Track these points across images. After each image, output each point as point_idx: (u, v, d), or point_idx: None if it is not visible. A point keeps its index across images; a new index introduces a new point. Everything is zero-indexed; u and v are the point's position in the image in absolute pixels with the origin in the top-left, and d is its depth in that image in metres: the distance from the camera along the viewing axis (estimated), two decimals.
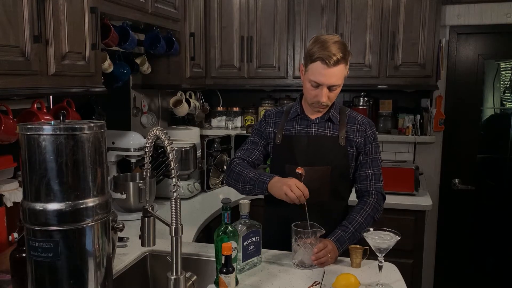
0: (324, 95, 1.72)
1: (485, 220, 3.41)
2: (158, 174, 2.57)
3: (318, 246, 1.62)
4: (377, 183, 1.84)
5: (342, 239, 1.71)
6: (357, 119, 1.86)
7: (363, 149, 1.84)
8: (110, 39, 2.21)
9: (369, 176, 1.84)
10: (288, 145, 1.86)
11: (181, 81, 2.95)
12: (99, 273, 1.18)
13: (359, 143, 1.83)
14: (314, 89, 1.74)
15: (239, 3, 3.28)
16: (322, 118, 1.85)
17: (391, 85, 3.09)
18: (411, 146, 3.38)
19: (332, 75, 1.69)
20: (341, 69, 1.70)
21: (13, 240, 1.57)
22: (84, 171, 1.12)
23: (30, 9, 1.51)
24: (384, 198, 1.86)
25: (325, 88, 1.71)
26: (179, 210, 1.28)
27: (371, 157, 1.84)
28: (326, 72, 1.68)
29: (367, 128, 1.85)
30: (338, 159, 1.81)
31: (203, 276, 1.65)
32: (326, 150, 1.81)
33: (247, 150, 1.95)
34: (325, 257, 1.63)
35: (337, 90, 1.75)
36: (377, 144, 1.87)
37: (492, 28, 3.22)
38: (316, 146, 1.82)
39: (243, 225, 1.59)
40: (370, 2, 3.05)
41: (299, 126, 1.87)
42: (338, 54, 1.66)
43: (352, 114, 1.88)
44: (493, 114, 3.44)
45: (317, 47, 1.69)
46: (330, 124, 1.85)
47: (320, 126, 1.85)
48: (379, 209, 1.82)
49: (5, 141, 1.72)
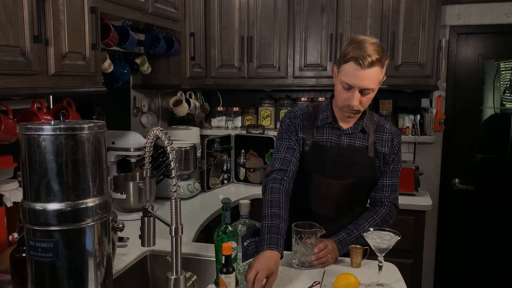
0: (356, 98, 1.61)
1: (485, 220, 3.41)
2: (158, 174, 2.57)
3: (319, 246, 1.61)
4: (392, 194, 1.80)
5: (344, 242, 1.69)
6: (386, 128, 1.79)
7: (387, 159, 1.78)
8: (110, 39, 2.21)
9: (386, 186, 1.79)
10: (318, 154, 1.75)
11: (181, 81, 2.95)
12: (99, 273, 1.18)
13: (385, 153, 1.77)
14: (346, 92, 1.62)
15: (239, 3, 3.28)
16: (354, 128, 1.75)
17: (391, 85, 3.09)
18: (411, 146, 3.38)
19: (365, 78, 1.57)
20: (375, 72, 1.58)
21: (13, 240, 1.57)
22: (84, 171, 1.12)
23: (30, 9, 1.51)
24: (397, 209, 1.83)
25: (357, 91, 1.60)
26: (179, 210, 1.28)
27: (391, 167, 1.79)
28: (359, 73, 1.57)
29: (395, 138, 1.79)
30: (366, 171, 1.75)
31: (203, 276, 1.65)
32: (355, 162, 1.74)
33: (284, 159, 1.74)
34: (326, 257, 1.63)
35: (370, 95, 1.63)
36: (400, 155, 1.82)
37: (492, 28, 3.22)
38: (345, 157, 1.74)
39: (243, 225, 1.59)
40: (370, 2, 3.05)
41: (331, 135, 1.76)
42: (374, 55, 1.55)
43: (380, 122, 1.80)
44: (493, 114, 3.44)
45: (352, 47, 1.59)
46: (361, 134, 1.75)
47: (351, 137, 1.75)
48: (389, 221, 1.79)
49: (5, 141, 1.72)
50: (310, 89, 3.40)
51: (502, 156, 3.42)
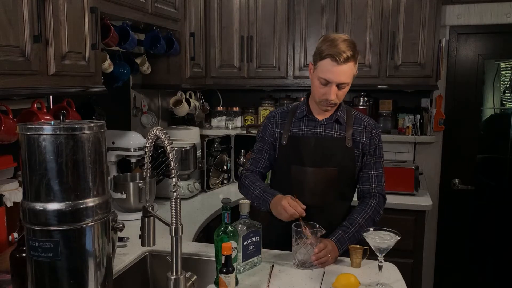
0: (333, 93, 1.72)
1: (485, 220, 3.41)
2: (158, 174, 2.57)
3: (319, 246, 1.62)
4: (379, 184, 1.85)
5: (342, 240, 1.71)
6: (363, 120, 1.87)
7: (367, 150, 1.84)
8: (110, 39, 2.20)
9: (372, 177, 1.85)
10: (294, 146, 1.85)
11: (181, 81, 2.95)
12: (99, 273, 1.18)
13: (365, 144, 1.83)
14: (323, 87, 1.74)
15: (239, 3, 3.28)
16: (329, 119, 1.84)
17: (391, 85, 3.09)
18: (411, 146, 3.38)
19: (341, 73, 1.69)
20: (350, 67, 1.70)
21: (13, 240, 1.57)
22: (84, 171, 1.12)
23: (30, 9, 1.51)
24: (385, 200, 1.87)
25: (334, 85, 1.71)
26: (179, 210, 1.28)
27: (374, 158, 1.85)
28: (335, 69, 1.68)
29: (373, 129, 1.86)
30: (345, 160, 1.81)
31: (203, 276, 1.65)
32: (333, 152, 1.81)
33: (254, 159, 1.96)
34: (326, 257, 1.63)
35: (345, 89, 1.75)
36: (381, 146, 1.88)
37: (492, 28, 3.22)
38: (323, 147, 1.82)
39: (243, 225, 1.59)
40: (370, 2, 3.05)
41: (307, 126, 1.86)
42: (348, 51, 1.67)
43: (358, 115, 1.89)
44: (493, 114, 3.44)
45: (327, 45, 1.69)
46: (337, 125, 1.85)
47: (327, 127, 1.84)
48: (379, 211, 1.83)
49: (5, 141, 1.72)
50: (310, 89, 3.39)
51: (502, 156, 3.42)
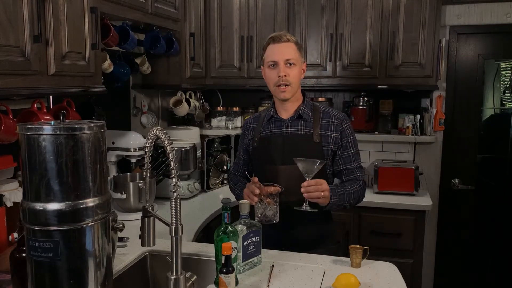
0: (282, 69, 1.80)
1: (485, 220, 3.41)
2: (158, 174, 2.57)
3: (309, 182, 1.69)
4: (362, 174, 1.93)
5: (334, 191, 1.78)
6: (332, 114, 1.91)
7: (340, 144, 1.88)
8: (110, 39, 2.21)
9: (355, 169, 1.91)
10: (265, 147, 1.92)
11: (181, 81, 2.95)
12: (99, 273, 1.18)
13: (335, 138, 1.88)
14: (272, 70, 1.83)
15: (239, 3, 3.28)
16: (293, 117, 1.90)
17: (391, 85, 3.09)
18: (411, 146, 3.38)
19: (284, 50, 1.81)
20: (292, 46, 1.82)
21: (13, 240, 1.58)
22: (84, 171, 1.12)
23: (30, 9, 1.51)
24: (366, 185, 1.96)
25: (281, 63, 1.81)
26: (179, 210, 1.28)
27: (353, 151, 1.91)
28: (278, 48, 1.81)
29: (343, 122, 1.89)
30: (314, 156, 1.81)
31: (203, 276, 1.65)
32: (301, 148, 1.85)
33: (235, 164, 2.16)
34: (316, 193, 1.69)
35: (295, 70, 1.83)
36: (355, 137, 1.93)
37: (492, 28, 3.22)
38: (290, 145, 1.87)
39: (243, 225, 1.59)
40: (370, 2, 3.05)
41: (274, 127, 1.93)
42: (287, 35, 1.83)
43: (326, 110, 1.93)
44: (493, 114, 3.44)
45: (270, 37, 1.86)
46: (303, 122, 1.89)
47: (293, 125, 1.90)
48: (364, 193, 1.93)
49: (5, 141, 1.72)
50: (310, 89, 3.39)
51: (502, 156, 3.42)
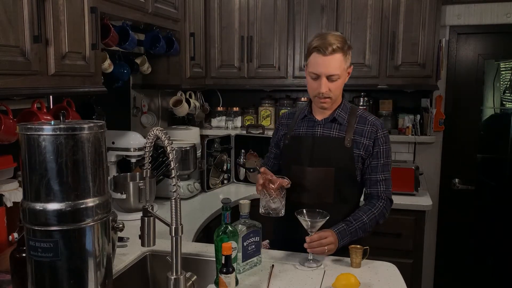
0: (324, 85, 1.71)
1: (485, 220, 3.41)
2: (158, 174, 2.57)
3: (312, 238, 1.63)
4: (387, 188, 1.82)
5: (344, 233, 1.69)
6: (368, 120, 1.82)
7: (371, 152, 1.79)
8: (110, 39, 2.21)
9: (380, 181, 1.81)
10: (294, 146, 1.87)
11: (181, 81, 2.95)
12: (99, 273, 1.18)
13: (368, 145, 1.79)
14: (314, 82, 1.74)
15: (239, 3, 3.28)
16: (327, 119, 1.83)
17: (391, 85, 3.09)
18: (411, 146, 3.38)
19: (328, 64, 1.69)
20: (338, 58, 1.69)
21: (13, 240, 1.58)
22: (84, 171, 1.12)
23: (30, 9, 1.51)
24: (391, 203, 1.85)
25: (323, 78, 1.71)
26: (179, 210, 1.28)
27: (382, 161, 1.80)
28: (322, 61, 1.69)
29: (379, 130, 1.81)
30: (343, 161, 1.78)
31: (203, 276, 1.65)
32: (331, 152, 1.79)
33: (266, 157, 2.10)
34: (320, 248, 1.63)
35: (338, 82, 1.73)
36: (388, 148, 1.83)
37: (492, 28, 3.22)
38: (320, 147, 1.81)
39: (243, 225, 1.59)
40: (370, 2, 3.05)
41: (306, 127, 1.87)
42: (335, 44, 1.67)
43: (363, 115, 1.84)
44: (493, 114, 3.44)
45: (315, 39, 1.73)
46: (337, 125, 1.82)
47: (325, 127, 1.83)
48: (385, 214, 1.81)
49: (5, 141, 1.72)
50: None
51: (502, 156, 3.42)
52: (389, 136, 1.87)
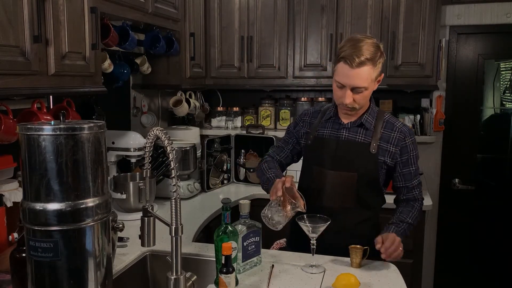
0: (348, 96, 1.66)
1: (485, 220, 3.41)
2: (158, 174, 2.57)
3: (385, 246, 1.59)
4: (420, 191, 1.85)
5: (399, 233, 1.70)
6: (396, 126, 1.79)
7: (399, 159, 1.77)
8: (110, 39, 2.20)
9: (415, 187, 1.82)
10: (317, 147, 1.83)
11: (181, 81, 2.95)
12: (99, 273, 1.18)
13: (394, 152, 1.76)
14: (339, 90, 1.69)
15: (239, 3, 3.28)
16: (354, 123, 1.79)
17: (391, 85, 3.09)
18: None
19: (355, 77, 1.63)
20: (366, 71, 1.62)
21: (13, 240, 1.58)
22: (84, 171, 1.12)
23: (30, 9, 1.51)
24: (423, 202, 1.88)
25: (348, 89, 1.66)
26: (179, 210, 1.28)
27: (414, 167, 1.80)
28: (348, 73, 1.63)
29: (406, 137, 1.78)
30: (367, 166, 1.76)
31: (203, 276, 1.65)
32: (355, 156, 1.76)
33: (278, 147, 2.01)
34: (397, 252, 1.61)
35: (364, 93, 1.68)
36: (417, 153, 1.82)
37: (492, 28, 3.22)
38: (344, 151, 1.77)
39: (243, 225, 1.59)
40: (370, 2, 3.05)
41: (331, 129, 1.83)
42: (364, 55, 1.60)
43: (391, 120, 1.81)
44: (493, 114, 3.44)
45: (347, 46, 1.64)
46: (363, 130, 1.78)
47: (351, 131, 1.79)
48: (420, 214, 1.85)
49: (5, 141, 1.72)
50: (310, 89, 3.40)
51: (502, 156, 3.42)
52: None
